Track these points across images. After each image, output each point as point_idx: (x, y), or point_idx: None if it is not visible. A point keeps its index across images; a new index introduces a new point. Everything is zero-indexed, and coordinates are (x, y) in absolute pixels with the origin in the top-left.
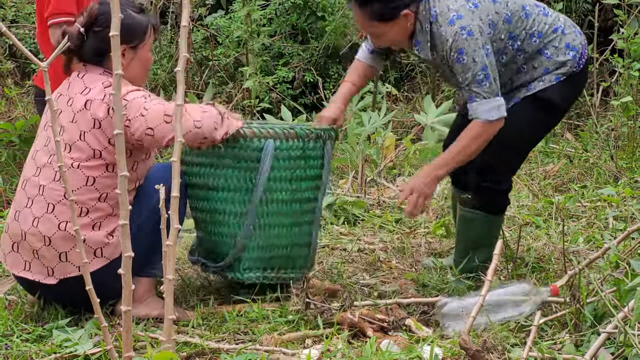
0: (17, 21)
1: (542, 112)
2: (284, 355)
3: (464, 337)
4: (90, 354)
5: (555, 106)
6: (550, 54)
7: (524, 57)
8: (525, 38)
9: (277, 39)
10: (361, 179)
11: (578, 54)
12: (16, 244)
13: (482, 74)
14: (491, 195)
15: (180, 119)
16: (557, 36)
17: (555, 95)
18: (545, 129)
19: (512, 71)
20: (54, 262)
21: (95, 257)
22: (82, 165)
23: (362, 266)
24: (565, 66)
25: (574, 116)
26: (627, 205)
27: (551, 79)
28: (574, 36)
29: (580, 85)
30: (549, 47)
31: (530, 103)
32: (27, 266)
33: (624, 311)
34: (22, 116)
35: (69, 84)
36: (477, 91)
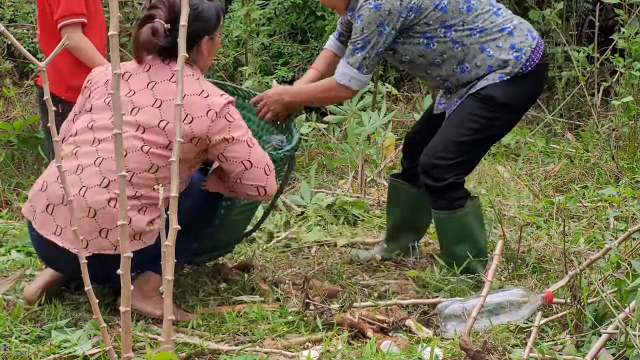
0: (16, 21)
1: (483, 107)
2: (284, 356)
3: (464, 337)
4: (89, 355)
5: (496, 102)
6: (492, 52)
7: (462, 50)
8: (463, 30)
9: (277, 39)
10: (361, 179)
11: (524, 56)
12: (52, 205)
13: (360, 43)
14: (441, 191)
15: (180, 117)
16: (502, 36)
17: (497, 93)
18: (490, 126)
19: (452, 65)
20: (91, 235)
21: (134, 239)
22: (151, 152)
23: (362, 266)
24: (508, 66)
25: (575, 116)
26: (628, 205)
27: (494, 78)
28: (522, 39)
29: (529, 87)
30: (492, 45)
31: (471, 100)
32: (58, 230)
33: (625, 312)
34: (20, 116)
35: (149, 66)
36: (348, 54)
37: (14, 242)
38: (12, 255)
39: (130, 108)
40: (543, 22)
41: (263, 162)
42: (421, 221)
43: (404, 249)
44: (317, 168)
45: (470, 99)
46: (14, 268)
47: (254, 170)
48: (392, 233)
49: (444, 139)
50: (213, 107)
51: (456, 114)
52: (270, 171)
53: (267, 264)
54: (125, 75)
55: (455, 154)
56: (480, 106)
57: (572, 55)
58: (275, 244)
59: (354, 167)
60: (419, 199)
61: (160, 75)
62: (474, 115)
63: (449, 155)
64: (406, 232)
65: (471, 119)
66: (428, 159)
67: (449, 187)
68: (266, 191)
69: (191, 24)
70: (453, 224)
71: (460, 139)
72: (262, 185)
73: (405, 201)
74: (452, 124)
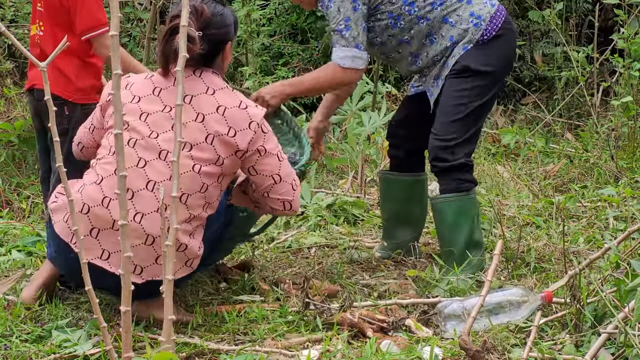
0: (17, 21)
1: (462, 80)
2: (284, 356)
3: (464, 337)
4: (90, 355)
5: (471, 71)
6: (454, 22)
7: (427, 24)
8: (425, 5)
9: (277, 39)
10: (361, 179)
11: (483, 22)
12: (97, 229)
13: (343, 24)
14: (451, 173)
15: (180, 116)
16: (462, 5)
17: (468, 61)
18: (475, 95)
19: (421, 39)
20: (147, 262)
21: (185, 266)
22: (202, 170)
23: (361, 266)
24: (468, 33)
25: (574, 116)
26: (627, 205)
27: (459, 51)
28: (481, 6)
29: (498, 52)
30: (453, 15)
31: (450, 79)
32: (105, 255)
33: (624, 311)
34: (21, 116)
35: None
36: (337, 38)
37: (15, 242)
38: (12, 255)
39: (171, 124)
40: (543, 22)
41: (291, 176)
42: (415, 212)
43: (402, 246)
44: (317, 168)
45: (449, 79)
46: (15, 268)
47: (283, 184)
48: (388, 229)
49: (441, 121)
50: (254, 119)
51: (443, 95)
52: (297, 186)
53: (267, 264)
54: (155, 90)
55: (458, 133)
56: (459, 80)
57: (572, 56)
58: (275, 244)
59: (354, 167)
60: (411, 186)
61: (195, 88)
62: (458, 91)
63: (451, 136)
64: (402, 226)
65: (457, 96)
66: (434, 142)
67: (459, 168)
68: (292, 206)
69: (219, 30)
70: (454, 210)
71: (456, 117)
72: (290, 200)
73: (397, 192)
74: (444, 107)
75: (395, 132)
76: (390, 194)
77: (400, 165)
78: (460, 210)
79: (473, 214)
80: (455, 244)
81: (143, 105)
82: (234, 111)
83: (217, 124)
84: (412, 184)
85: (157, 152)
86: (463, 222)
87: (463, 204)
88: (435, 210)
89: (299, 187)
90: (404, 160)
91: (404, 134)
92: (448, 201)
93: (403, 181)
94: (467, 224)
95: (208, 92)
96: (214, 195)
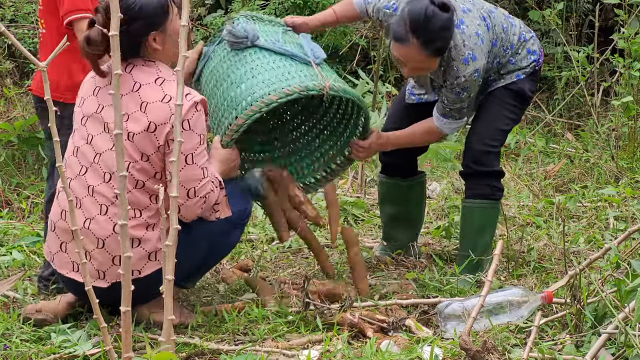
0: (16, 21)
1: (516, 100)
2: (284, 356)
3: (464, 337)
4: (90, 355)
5: (524, 95)
6: (515, 61)
7: (497, 67)
8: (503, 54)
9: None
10: (361, 179)
11: (537, 57)
12: (65, 243)
13: (467, 104)
14: (486, 178)
15: (179, 115)
16: (521, 44)
17: (525, 87)
18: (517, 116)
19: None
20: (106, 265)
21: (149, 260)
22: (130, 167)
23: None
24: (526, 69)
25: (575, 116)
26: (627, 205)
27: (512, 78)
28: (532, 41)
29: (535, 84)
30: (516, 55)
31: (505, 91)
32: (75, 267)
33: (624, 312)
34: (21, 116)
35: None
36: (453, 115)
37: (15, 242)
38: (13, 255)
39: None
40: (543, 22)
41: (191, 184)
42: (414, 213)
43: (402, 247)
44: None
45: (502, 91)
46: (15, 268)
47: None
48: (388, 231)
49: (491, 128)
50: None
51: (494, 105)
52: (195, 196)
53: (267, 264)
54: (95, 90)
55: (500, 142)
56: (514, 98)
57: (572, 56)
58: (275, 244)
59: (354, 167)
60: (410, 189)
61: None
62: (511, 106)
63: (496, 143)
64: (402, 227)
65: (509, 109)
66: (480, 146)
67: (496, 175)
68: (180, 210)
69: (131, 25)
70: (483, 214)
71: (504, 128)
72: (180, 203)
73: (396, 195)
74: (494, 113)
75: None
76: (389, 197)
77: (397, 171)
78: (489, 216)
79: (496, 221)
80: (476, 247)
81: (85, 108)
82: (155, 106)
83: (137, 121)
84: (411, 186)
85: (93, 156)
86: (488, 228)
87: (493, 211)
88: (466, 212)
89: (201, 200)
90: (399, 166)
91: None
92: (481, 206)
93: (402, 186)
94: (490, 230)
95: (134, 88)
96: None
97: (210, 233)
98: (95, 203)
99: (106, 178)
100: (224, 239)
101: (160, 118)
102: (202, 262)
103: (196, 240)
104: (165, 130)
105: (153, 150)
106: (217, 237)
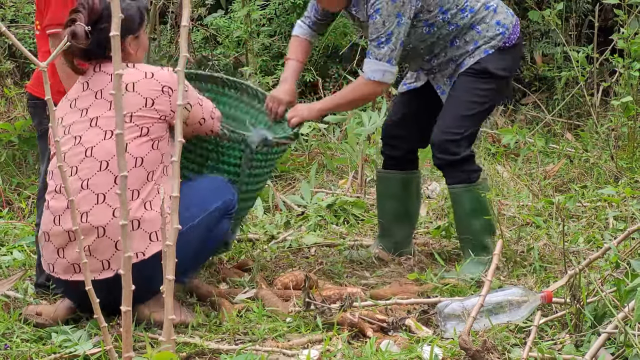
0: (17, 21)
1: (480, 80)
2: (284, 355)
3: (464, 337)
4: (90, 354)
5: (490, 73)
6: (481, 29)
7: (455, 30)
8: (457, 13)
9: (277, 39)
10: (361, 179)
11: (508, 31)
12: (62, 249)
13: (384, 37)
14: (458, 165)
15: (180, 116)
16: (489, 13)
17: (490, 65)
18: (488, 97)
19: (444, 42)
20: (109, 252)
21: (151, 241)
22: (129, 147)
23: (362, 266)
24: (494, 40)
25: (574, 116)
26: (627, 205)
27: (480, 53)
28: (505, 15)
29: (512, 60)
30: (481, 23)
31: (467, 76)
32: (76, 268)
33: (624, 311)
34: (21, 116)
35: (88, 83)
36: (373, 50)
37: (16, 242)
38: (13, 254)
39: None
40: (542, 23)
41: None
42: (412, 208)
43: (400, 243)
44: (317, 168)
45: (465, 76)
46: (15, 268)
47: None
48: (386, 227)
49: (453, 115)
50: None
51: (457, 91)
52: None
53: (267, 264)
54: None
55: (465, 128)
56: (478, 80)
57: (572, 56)
58: (275, 244)
59: (354, 167)
60: (409, 183)
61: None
62: (475, 89)
63: (460, 130)
64: (400, 223)
65: (473, 93)
66: (443, 136)
67: (464, 160)
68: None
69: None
70: (470, 198)
71: (467, 113)
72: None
73: (396, 189)
74: (457, 100)
75: (392, 132)
76: (389, 192)
77: (397, 165)
78: (473, 197)
79: (485, 199)
80: (471, 228)
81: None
82: (143, 82)
83: (132, 100)
84: (410, 180)
85: (83, 154)
86: (478, 208)
87: (475, 192)
88: (452, 199)
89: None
90: (401, 159)
91: (402, 135)
92: (463, 190)
93: (401, 178)
94: (481, 209)
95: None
96: (156, 161)
97: (201, 224)
98: (91, 195)
99: (103, 166)
100: (215, 230)
101: (153, 92)
102: (195, 255)
103: (187, 233)
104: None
105: (153, 121)
106: (208, 229)
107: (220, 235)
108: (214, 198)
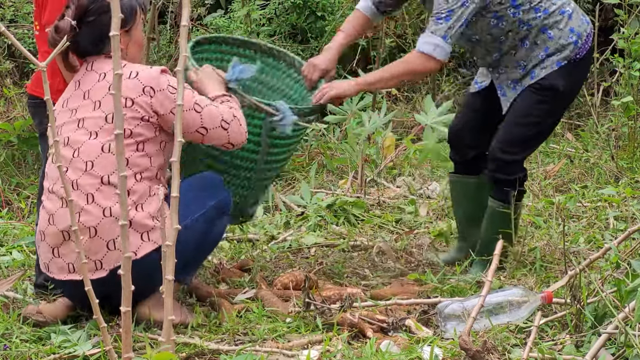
0: (16, 21)
1: (545, 99)
2: (284, 356)
3: (464, 337)
4: (90, 355)
5: (556, 92)
6: (553, 35)
7: (527, 29)
8: (529, 10)
9: (277, 39)
10: (361, 179)
11: (581, 41)
12: (56, 248)
13: (445, 13)
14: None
15: (180, 116)
16: (563, 19)
17: (557, 82)
18: (550, 115)
19: (513, 41)
20: (101, 252)
21: (143, 241)
22: (112, 148)
23: (362, 266)
24: (566, 50)
25: (575, 116)
26: (627, 205)
27: (552, 65)
28: (579, 22)
29: (582, 73)
30: (554, 27)
31: (532, 92)
32: (70, 268)
33: (624, 312)
34: (21, 116)
35: (79, 82)
36: (431, 24)
37: (15, 242)
38: (13, 255)
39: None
40: None
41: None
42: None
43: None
44: (317, 168)
45: (533, 93)
46: (15, 268)
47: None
48: (465, 230)
49: (516, 135)
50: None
51: (522, 107)
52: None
53: (267, 264)
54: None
55: (525, 150)
56: (542, 98)
57: None
58: (275, 244)
59: (354, 167)
60: (480, 187)
61: (88, 82)
62: (536, 109)
63: (521, 152)
64: (474, 227)
65: (534, 114)
66: (503, 155)
67: (518, 180)
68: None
69: (98, 17)
70: (504, 217)
71: (530, 133)
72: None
73: (471, 192)
74: (521, 119)
75: (460, 137)
76: (465, 195)
77: (465, 168)
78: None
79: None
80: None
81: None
82: (125, 82)
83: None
84: (481, 184)
85: (71, 154)
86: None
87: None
88: (492, 212)
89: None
90: (468, 164)
91: (470, 140)
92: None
93: (474, 182)
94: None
95: (100, 79)
96: (143, 162)
97: (197, 223)
98: (81, 195)
99: (88, 167)
100: (211, 229)
101: (133, 92)
102: (193, 254)
103: (185, 232)
104: (145, 101)
105: (135, 123)
106: (204, 228)
107: (217, 235)
108: (208, 197)
